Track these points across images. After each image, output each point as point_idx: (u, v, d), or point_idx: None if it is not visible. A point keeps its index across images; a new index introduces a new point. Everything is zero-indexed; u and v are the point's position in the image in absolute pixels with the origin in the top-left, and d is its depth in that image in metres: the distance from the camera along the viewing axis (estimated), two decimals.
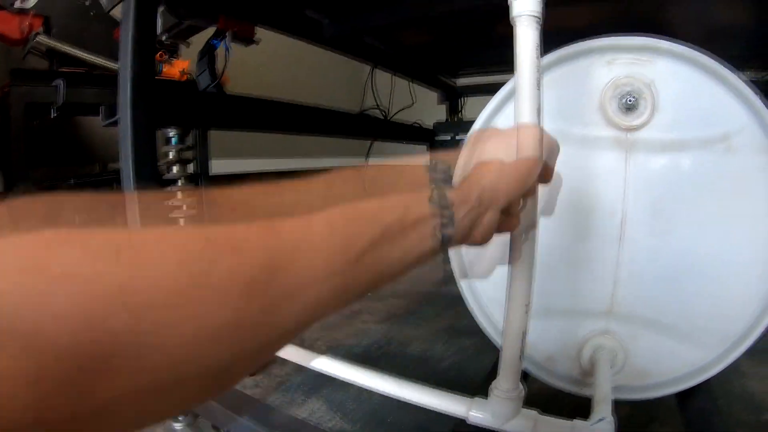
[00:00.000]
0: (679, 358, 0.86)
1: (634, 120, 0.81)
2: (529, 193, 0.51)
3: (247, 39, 1.29)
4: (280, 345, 0.28)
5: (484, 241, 0.44)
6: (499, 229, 0.48)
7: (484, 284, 0.95)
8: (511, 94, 0.80)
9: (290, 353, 0.93)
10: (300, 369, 1.02)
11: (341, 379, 0.87)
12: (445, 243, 0.38)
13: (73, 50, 1.87)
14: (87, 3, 1.95)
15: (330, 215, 0.30)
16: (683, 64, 0.82)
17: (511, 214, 0.49)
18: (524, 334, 0.64)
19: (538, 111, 0.57)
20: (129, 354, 0.21)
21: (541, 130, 0.50)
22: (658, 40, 0.81)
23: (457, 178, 0.41)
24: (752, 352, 1.11)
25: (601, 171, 0.83)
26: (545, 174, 0.50)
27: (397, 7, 1.30)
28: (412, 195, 0.36)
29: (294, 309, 0.27)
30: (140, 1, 0.98)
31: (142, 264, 0.22)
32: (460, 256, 0.94)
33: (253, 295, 0.25)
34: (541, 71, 0.58)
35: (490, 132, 0.49)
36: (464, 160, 0.43)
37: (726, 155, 0.80)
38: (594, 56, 0.83)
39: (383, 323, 1.82)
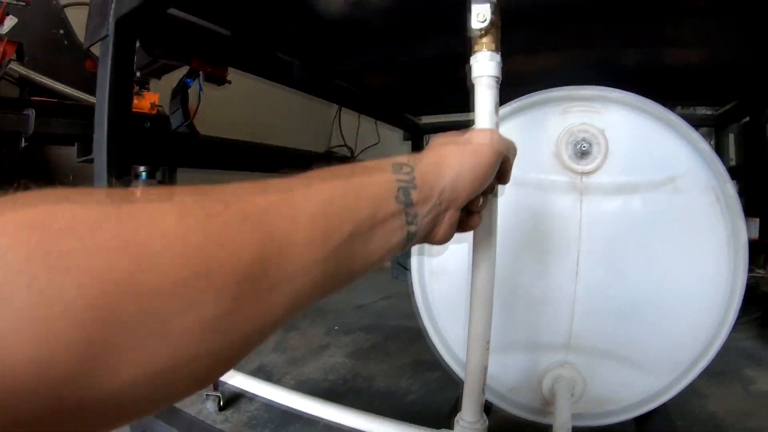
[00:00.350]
0: (635, 385, 0.92)
1: (587, 165, 0.87)
2: (488, 191, 0.56)
3: (220, 80, 1.33)
4: (270, 332, 0.31)
5: (446, 239, 0.48)
6: (461, 227, 0.53)
7: (446, 321, 0.99)
8: None
9: (259, 389, 0.95)
10: (269, 405, 1.03)
11: (309, 415, 0.89)
12: (410, 239, 0.42)
13: (44, 80, 1.87)
14: (60, 33, 1.95)
15: (312, 207, 0.33)
16: (633, 111, 0.89)
17: (472, 212, 0.54)
18: (485, 368, 0.67)
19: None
20: (136, 341, 0.22)
21: (497, 132, 0.54)
22: (609, 90, 0.88)
23: (419, 179, 0.43)
24: (711, 374, 1.17)
25: (557, 213, 0.88)
26: (503, 173, 0.55)
27: (365, 53, 1.37)
28: (381, 193, 0.40)
29: (282, 298, 0.30)
30: (119, 42, 1.01)
31: (149, 257, 0.23)
32: (423, 287, 0.99)
33: (247, 286, 0.27)
34: (498, 126, 0.63)
35: (450, 136, 0.52)
36: (426, 161, 0.46)
37: (674, 195, 0.87)
38: (550, 106, 0.89)
39: (350, 358, 1.83)
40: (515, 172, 0.57)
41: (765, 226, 2.45)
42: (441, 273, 0.98)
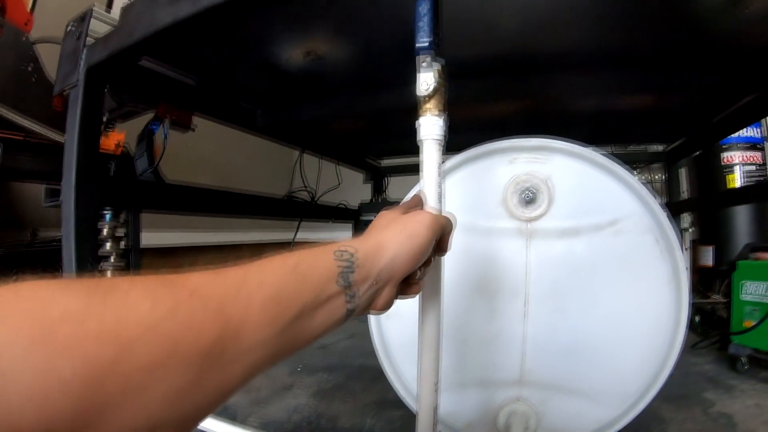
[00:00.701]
0: (587, 417, 0.96)
1: (533, 212, 0.93)
2: (427, 264, 0.61)
3: (185, 126, 1.37)
4: (230, 395, 0.37)
5: (385, 308, 0.53)
6: (404, 293, 0.59)
7: (404, 362, 1.03)
8: None
9: (224, 429, 0.96)
10: None
11: None
12: (350, 314, 0.49)
13: (11, 114, 1.86)
14: (30, 68, 1.95)
15: (263, 293, 0.39)
16: (575, 159, 0.95)
17: (411, 283, 0.59)
18: (435, 408, 0.71)
19: None
20: (120, 410, 0.27)
21: (431, 216, 0.59)
22: (553, 140, 0.95)
23: (359, 262, 0.49)
24: (671, 398, 1.22)
25: (506, 257, 0.94)
26: (441, 247, 0.61)
27: (325, 104, 1.43)
28: (323, 279, 0.46)
29: (239, 369, 0.36)
30: (89, 89, 1.03)
31: (128, 343, 0.28)
32: (380, 329, 1.03)
33: (209, 361, 0.32)
34: (443, 183, 0.68)
35: (389, 218, 0.58)
36: (366, 247, 0.51)
37: (615, 237, 0.93)
38: (497, 156, 0.95)
39: (314, 398, 1.83)
40: (467, 219, 0.62)
41: (719, 253, 2.56)
42: (395, 316, 1.02)
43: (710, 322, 2.43)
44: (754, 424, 1.51)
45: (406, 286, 0.58)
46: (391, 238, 0.53)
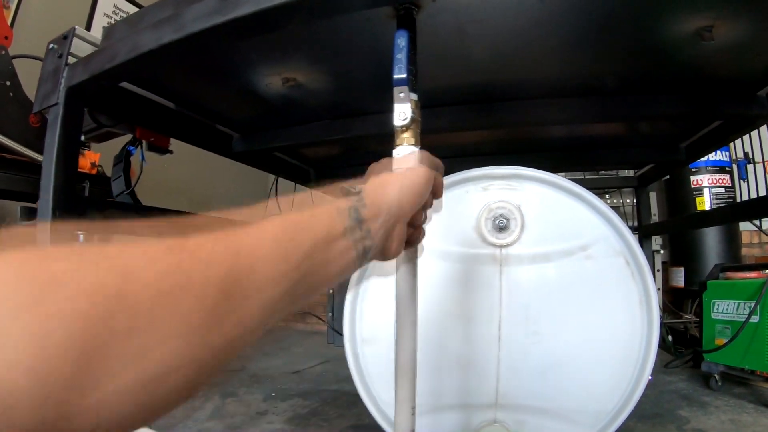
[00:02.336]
0: None
1: (506, 238, 0.95)
2: (427, 205, 0.61)
3: (162, 149, 1.37)
4: (248, 340, 0.34)
5: (397, 252, 0.53)
6: (409, 242, 0.58)
7: (378, 386, 1.03)
8: None
9: None
10: None
11: None
12: (367, 253, 0.47)
13: None
14: (8, 84, 1.93)
15: (274, 230, 0.38)
16: (547, 187, 0.98)
17: (416, 226, 0.60)
18: None
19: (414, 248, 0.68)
20: (127, 348, 0.24)
21: (425, 151, 0.61)
22: (524, 169, 0.98)
23: (367, 199, 0.48)
24: (646, 417, 1.23)
25: (479, 282, 0.96)
26: (436, 188, 0.60)
27: (301, 130, 1.45)
28: (335, 213, 0.45)
29: (255, 307, 0.33)
30: (68, 109, 1.03)
31: (134, 273, 0.26)
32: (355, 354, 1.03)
33: (223, 296, 0.30)
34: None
35: (383, 163, 0.60)
36: (370, 185, 0.51)
37: (586, 261, 0.96)
38: (470, 184, 0.98)
39: (289, 424, 1.80)
40: (442, 245, 0.63)
41: (689, 274, 2.62)
42: (371, 341, 1.03)
43: (683, 341, 2.48)
44: None
45: (412, 230, 0.59)
46: (393, 175, 0.54)
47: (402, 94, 0.70)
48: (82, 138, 1.35)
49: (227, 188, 3.78)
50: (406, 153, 0.66)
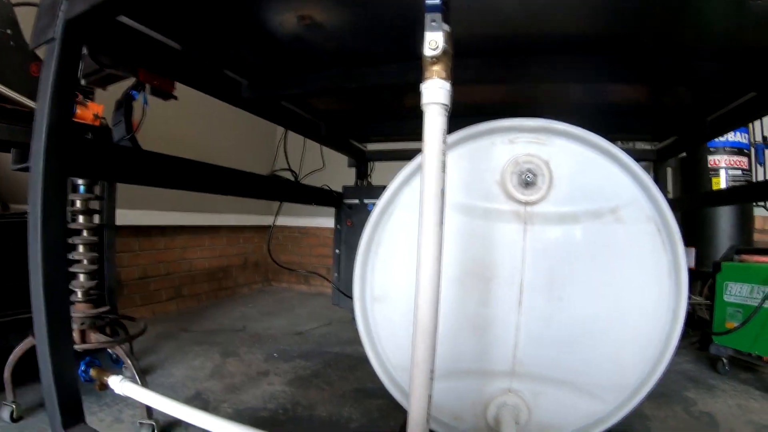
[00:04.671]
0: (581, 411, 0.93)
1: (532, 195, 0.89)
2: None
3: (166, 94, 1.30)
4: None
5: None
6: None
7: (388, 347, 0.98)
8: (418, 168, 0.86)
9: (195, 417, 0.90)
10: None
11: None
12: None
13: None
14: (8, 32, 1.86)
15: None
16: (578, 143, 0.91)
17: None
18: (429, 398, 0.66)
19: (442, 191, 0.62)
20: None
21: None
22: (555, 122, 0.91)
23: None
24: (654, 397, 1.21)
25: (501, 242, 0.89)
26: None
27: (314, 78, 1.37)
28: None
29: None
30: (66, 45, 0.96)
31: None
32: (365, 313, 0.98)
33: None
34: (446, 153, 0.63)
35: None
36: None
37: (616, 225, 0.90)
38: (497, 135, 0.91)
39: (290, 385, 1.79)
40: (463, 199, 0.57)
41: (701, 255, 2.57)
42: (383, 298, 0.98)
43: (690, 323, 2.45)
44: (737, 424, 1.51)
45: None
46: None
47: (434, 22, 0.63)
48: (83, 82, 1.28)
49: (236, 143, 3.71)
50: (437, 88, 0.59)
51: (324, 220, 4.01)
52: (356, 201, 2.28)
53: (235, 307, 3.33)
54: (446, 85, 0.62)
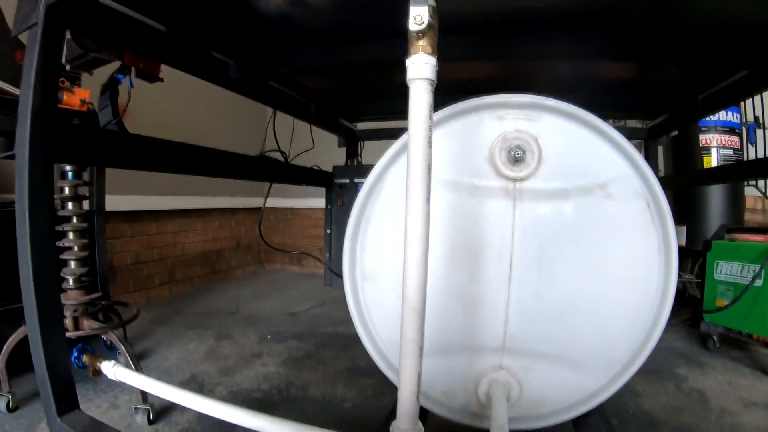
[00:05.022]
0: (572, 386, 0.94)
1: (521, 171, 0.88)
2: None
3: (152, 76, 1.27)
4: None
5: None
6: None
7: (379, 325, 0.98)
8: (405, 147, 0.85)
9: (191, 400, 0.91)
10: (202, 416, 1.00)
11: (243, 427, 0.85)
12: None
13: None
14: None
15: None
16: (567, 119, 0.91)
17: None
18: (419, 375, 0.67)
19: (429, 167, 0.62)
20: None
21: None
22: (544, 98, 0.90)
23: None
24: (645, 373, 1.23)
25: (490, 218, 0.89)
26: None
27: (301, 56, 1.36)
28: None
29: None
30: (48, 30, 0.95)
31: None
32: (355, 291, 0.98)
33: None
34: (432, 129, 0.63)
35: None
36: None
37: (605, 201, 0.90)
38: (485, 112, 0.90)
39: (283, 366, 1.81)
40: (452, 175, 0.57)
41: (692, 233, 2.59)
42: (373, 276, 0.97)
43: (681, 300, 2.47)
44: (727, 401, 1.53)
45: None
46: None
47: None
48: (68, 67, 1.27)
49: (225, 126, 3.69)
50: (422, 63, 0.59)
51: (315, 200, 4.00)
52: (347, 180, 2.28)
53: (228, 290, 3.34)
54: (432, 60, 0.62)
